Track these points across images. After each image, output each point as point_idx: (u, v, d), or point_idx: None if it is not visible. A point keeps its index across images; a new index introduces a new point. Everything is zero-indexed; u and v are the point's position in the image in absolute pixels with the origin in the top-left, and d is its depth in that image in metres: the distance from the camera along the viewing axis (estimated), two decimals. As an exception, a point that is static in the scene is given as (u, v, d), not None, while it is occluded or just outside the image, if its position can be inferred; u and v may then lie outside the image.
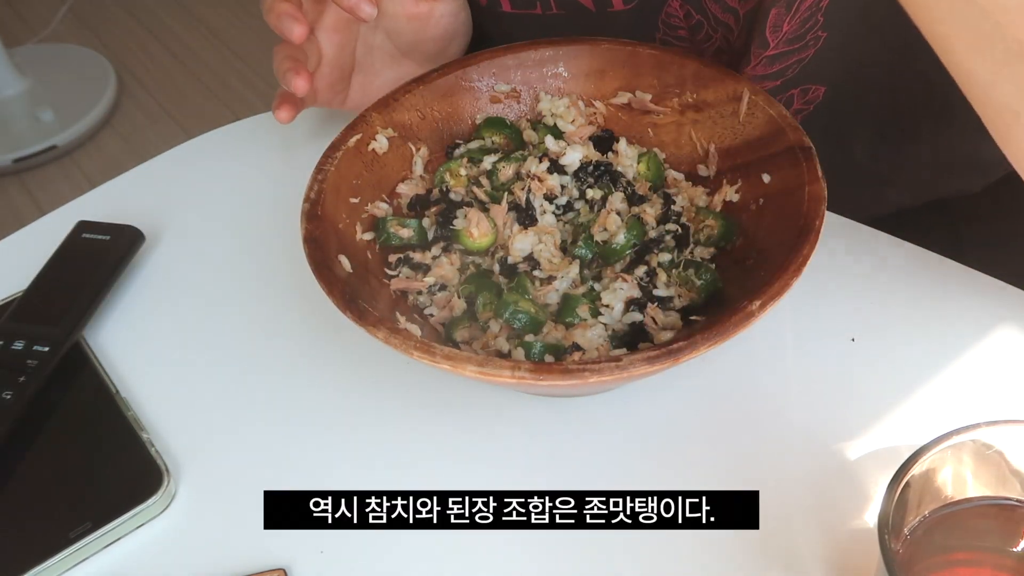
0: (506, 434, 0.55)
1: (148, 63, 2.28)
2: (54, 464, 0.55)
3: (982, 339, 0.56)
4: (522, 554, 0.49)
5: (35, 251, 0.65)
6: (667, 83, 0.62)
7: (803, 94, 0.68)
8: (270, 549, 0.50)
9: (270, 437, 0.56)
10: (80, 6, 2.44)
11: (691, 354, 0.46)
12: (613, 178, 0.60)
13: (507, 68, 0.64)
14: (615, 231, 0.56)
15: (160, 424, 0.57)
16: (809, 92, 0.68)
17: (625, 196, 0.59)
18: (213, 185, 0.73)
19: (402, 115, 0.62)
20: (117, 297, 0.64)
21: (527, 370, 0.45)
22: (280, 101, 0.63)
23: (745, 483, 0.50)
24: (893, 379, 0.55)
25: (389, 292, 0.56)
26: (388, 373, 0.58)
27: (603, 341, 0.53)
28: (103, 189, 0.73)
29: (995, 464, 0.42)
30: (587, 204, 0.60)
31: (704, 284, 0.54)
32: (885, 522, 0.39)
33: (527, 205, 0.59)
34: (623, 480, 0.52)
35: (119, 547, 0.52)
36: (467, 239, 0.57)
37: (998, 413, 0.45)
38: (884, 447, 0.51)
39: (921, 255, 0.61)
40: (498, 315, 0.53)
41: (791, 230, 0.51)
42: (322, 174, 0.56)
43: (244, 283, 0.65)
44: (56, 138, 2.03)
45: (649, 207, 0.58)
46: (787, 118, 0.57)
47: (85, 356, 0.60)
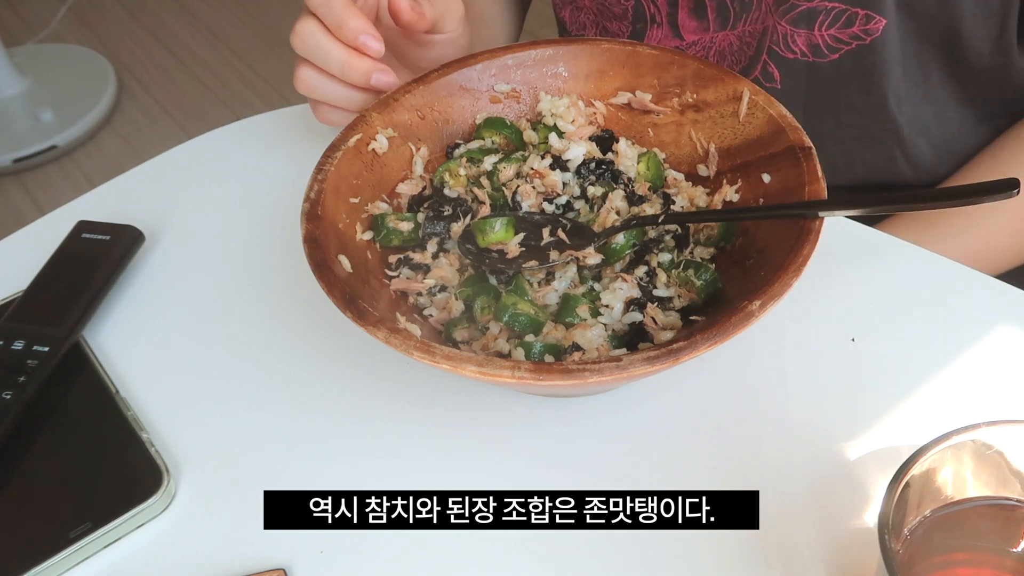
0: (506, 434, 0.55)
1: (148, 63, 2.28)
2: (54, 464, 0.55)
3: (982, 339, 0.56)
4: (522, 554, 0.49)
5: (35, 251, 0.65)
6: (667, 83, 0.62)
7: (866, 20, 0.70)
8: (270, 549, 0.50)
9: (270, 437, 0.56)
10: (80, 6, 2.44)
11: (691, 354, 0.46)
12: (614, 176, 0.60)
13: (507, 68, 0.64)
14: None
15: (160, 424, 0.57)
16: (871, 21, 0.70)
17: (625, 195, 0.59)
18: (213, 185, 0.73)
19: (402, 115, 0.62)
20: (117, 297, 0.64)
21: (527, 370, 0.45)
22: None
23: (745, 483, 0.50)
24: (893, 379, 0.55)
25: (389, 292, 0.56)
26: (388, 373, 0.58)
27: (603, 341, 0.53)
28: (103, 189, 0.73)
29: (995, 464, 0.42)
30: (587, 203, 0.60)
31: (704, 284, 0.54)
32: (885, 522, 0.39)
33: (514, 205, 0.59)
34: (623, 480, 0.52)
35: (119, 547, 0.52)
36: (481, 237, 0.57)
37: (998, 413, 0.45)
38: (884, 447, 0.51)
39: (921, 255, 0.61)
40: (497, 318, 0.53)
41: (791, 230, 0.51)
42: (322, 174, 0.56)
43: (244, 283, 0.65)
44: (56, 138, 2.03)
45: (649, 207, 0.58)
46: (787, 118, 0.57)
47: (85, 356, 0.60)
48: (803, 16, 0.72)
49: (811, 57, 0.74)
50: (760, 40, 0.75)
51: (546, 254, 0.56)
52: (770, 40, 0.75)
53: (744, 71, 0.77)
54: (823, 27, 0.72)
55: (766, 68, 0.76)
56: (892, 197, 0.55)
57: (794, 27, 0.73)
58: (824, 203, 0.52)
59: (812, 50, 0.74)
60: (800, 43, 0.73)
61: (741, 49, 0.77)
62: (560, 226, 0.58)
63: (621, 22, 0.79)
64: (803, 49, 0.74)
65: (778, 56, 0.75)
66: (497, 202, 0.60)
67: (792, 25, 0.73)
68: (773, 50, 0.75)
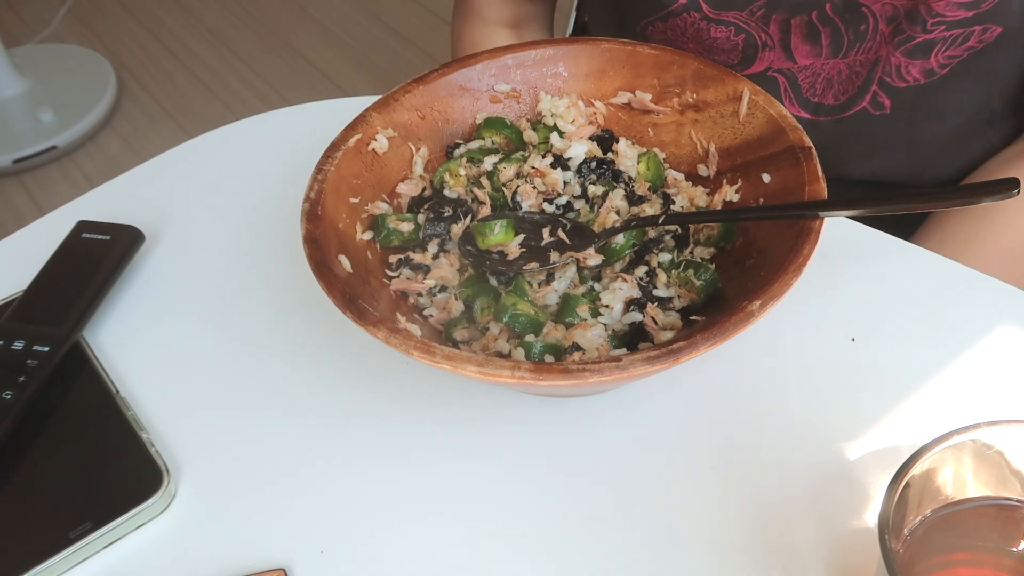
0: (506, 434, 0.55)
1: (148, 63, 2.28)
2: (54, 464, 0.55)
3: (982, 339, 0.56)
4: (523, 553, 0.49)
5: (35, 251, 0.66)
6: (667, 83, 0.62)
7: (982, 32, 0.70)
8: (270, 549, 0.50)
9: (270, 437, 0.56)
10: (80, 6, 2.44)
11: (691, 354, 0.46)
12: (615, 176, 0.60)
13: (507, 68, 0.64)
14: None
15: (160, 424, 0.57)
16: (987, 32, 0.70)
17: (625, 195, 0.59)
18: (213, 185, 0.73)
19: (402, 115, 0.62)
20: (117, 297, 0.64)
21: (527, 370, 0.45)
22: None
23: (745, 483, 0.50)
24: (893, 379, 0.55)
25: (389, 292, 0.56)
26: (388, 373, 0.58)
27: (603, 341, 0.53)
28: (103, 189, 0.73)
29: (995, 464, 0.42)
30: (587, 203, 0.60)
31: (704, 284, 0.54)
32: (885, 522, 0.39)
33: (514, 205, 0.59)
34: (623, 480, 0.52)
35: (119, 547, 0.52)
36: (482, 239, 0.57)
37: (998, 413, 0.45)
38: (884, 447, 0.51)
39: (921, 255, 0.61)
40: (497, 318, 0.53)
41: (791, 230, 0.51)
42: (322, 174, 0.56)
43: (244, 283, 0.65)
44: (56, 138, 2.03)
45: (649, 207, 0.58)
46: (787, 118, 0.57)
47: (85, 356, 0.60)
48: (920, 47, 0.71)
49: (923, 80, 0.73)
50: (871, 71, 0.74)
51: (546, 255, 0.56)
52: (882, 71, 0.73)
53: (851, 100, 0.76)
54: (939, 54, 0.71)
55: (876, 98, 0.75)
56: (892, 197, 0.55)
57: (909, 58, 0.71)
58: (824, 203, 0.52)
59: (925, 74, 0.73)
60: (914, 72, 0.72)
61: (850, 78, 0.75)
62: (560, 226, 0.58)
63: (730, 55, 0.76)
64: (916, 76, 0.73)
65: (889, 86, 0.74)
66: (497, 202, 0.60)
67: (907, 57, 0.71)
68: (884, 80, 0.74)
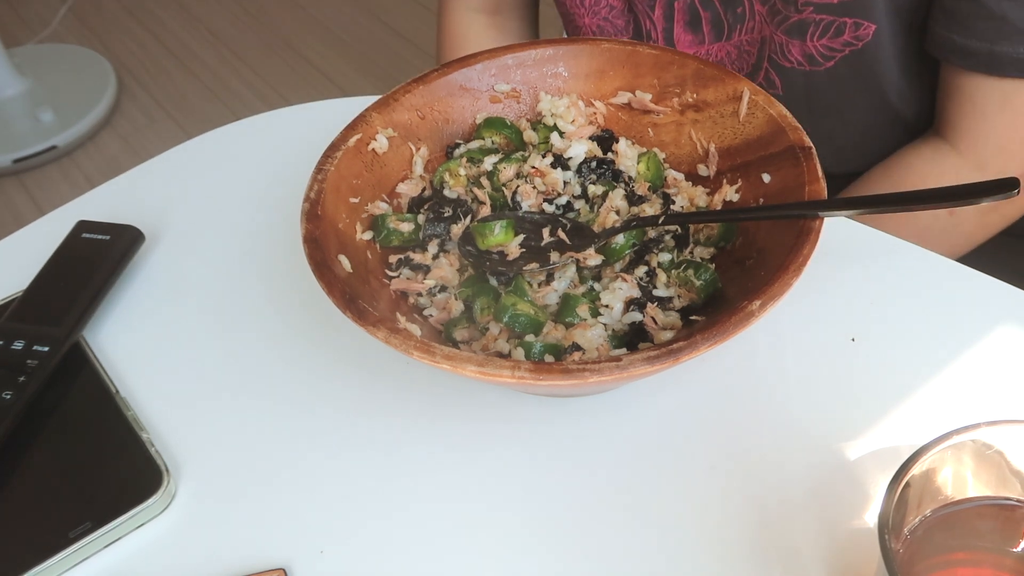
0: (506, 434, 0.55)
1: (148, 63, 2.28)
2: (54, 464, 0.55)
3: (982, 339, 0.56)
4: (523, 552, 0.49)
5: (35, 251, 0.66)
6: (667, 83, 0.62)
7: (855, 27, 0.71)
8: (270, 549, 0.50)
9: (270, 437, 0.56)
10: (80, 6, 2.44)
11: (691, 354, 0.46)
12: (615, 175, 0.60)
13: (507, 68, 0.64)
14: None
15: (160, 424, 0.57)
16: (861, 27, 0.71)
17: (625, 195, 0.59)
18: (213, 185, 0.73)
19: (402, 115, 0.62)
20: (117, 297, 0.64)
21: (527, 370, 0.45)
22: None
23: (745, 483, 0.50)
24: (893, 379, 0.55)
25: (389, 292, 0.56)
26: (388, 373, 0.58)
27: (603, 341, 0.53)
28: (103, 189, 0.73)
29: (995, 464, 0.42)
30: (587, 203, 0.60)
31: (704, 284, 0.54)
32: (885, 522, 0.39)
33: (514, 205, 0.59)
34: (623, 480, 0.52)
35: (119, 547, 0.52)
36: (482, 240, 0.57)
37: (998, 413, 0.45)
38: (884, 447, 0.51)
39: (921, 255, 0.61)
40: (497, 318, 0.53)
41: (791, 230, 0.51)
42: (322, 174, 0.56)
43: (244, 283, 0.65)
44: (56, 138, 2.03)
45: (649, 207, 0.58)
46: (787, 118, 0.57)
47: (85, 356, 0.60)
48: (795, 27, 0.73)
49: (807, 66, 0.75)
50: (760, 49, 0.76)
51: (546, 255, 0.56)
52: (769, 49, 0.75)
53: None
54: (814, 38, 0.73)
55: (768, 76, 0.77)
56: (892, 197, 0.55)
57: (788, 37, 0.74)
58: (824, 203, 0.52)
59: (807, 60, 0.74)
60: (795, 53, 0.74)
61: (740, 58, 0.78)
62: (560, 226, 0.58)
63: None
64: (799, 59, 0.74)
65: (777, 64, 0.76)
66: (497, 202, 0.60)
67: (787, 35, 0.73)
68: (772, 59, 0.76)
